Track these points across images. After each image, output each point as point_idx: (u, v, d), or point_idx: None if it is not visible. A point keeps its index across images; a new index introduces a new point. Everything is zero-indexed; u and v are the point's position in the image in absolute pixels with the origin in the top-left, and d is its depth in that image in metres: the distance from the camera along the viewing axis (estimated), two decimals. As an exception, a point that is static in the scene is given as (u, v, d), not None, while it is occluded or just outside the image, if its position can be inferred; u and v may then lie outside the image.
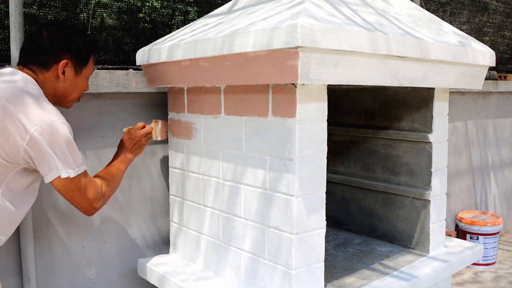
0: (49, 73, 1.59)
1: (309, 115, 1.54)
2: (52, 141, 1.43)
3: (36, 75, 1.58)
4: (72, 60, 1.62)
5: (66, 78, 1.62)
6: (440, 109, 2.08)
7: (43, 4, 2.03)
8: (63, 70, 1.60)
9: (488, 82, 3.89)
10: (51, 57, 1.58)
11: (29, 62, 1.59)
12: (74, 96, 1.70)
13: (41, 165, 1.46)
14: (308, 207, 1.57)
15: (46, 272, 1.97)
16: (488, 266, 3.56)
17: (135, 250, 2.22)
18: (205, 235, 1.94)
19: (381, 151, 2.27)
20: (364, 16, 1.66)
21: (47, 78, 1.60)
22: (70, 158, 1.47)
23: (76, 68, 1.64)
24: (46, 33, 1.60)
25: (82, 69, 1.66)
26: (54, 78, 1.61)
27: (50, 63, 1.59)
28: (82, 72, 1.67)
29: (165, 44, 1.85)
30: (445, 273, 2.03)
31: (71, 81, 1.64)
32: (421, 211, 2.11)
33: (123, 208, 2.16)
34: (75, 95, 1.70)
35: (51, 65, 1.59)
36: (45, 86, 1.60)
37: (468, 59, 1.92)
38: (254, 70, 1.50)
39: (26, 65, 1.59)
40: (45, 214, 1.96)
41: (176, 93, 2.05)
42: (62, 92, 1.64)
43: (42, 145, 1.41)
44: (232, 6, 2.02)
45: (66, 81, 1.63)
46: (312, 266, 1.61)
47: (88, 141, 2.04)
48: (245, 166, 1.70)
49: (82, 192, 1.54)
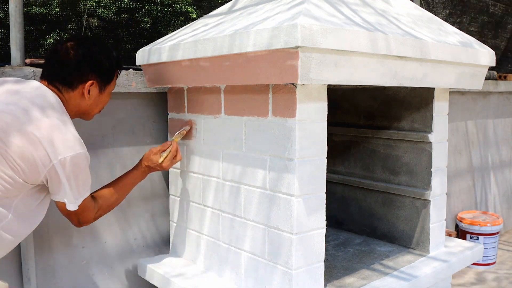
0: (74, 92, 1.58)
1: (309, 115, 1.54)
2: (70, 173, 1.44)
3: (61, 93, 1.57)
4: (98, 80, 1.61)
5: (90, 96, 1.61)
6: (440, 109, 2.07)
7: (43, 4, 2.03)
8: (88, 89, 1.60)
9: (488, 82, 3.89)
10: (77, 78, 1.57)
11: (54, 79, 1.57)
12: (96, 111, 1.71)
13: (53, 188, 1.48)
14: (308, 207, 1.57)
15: (46, 272, 1.97)
16: (488, 266, 3.55)
17: (135, 250, 2.21)
18: (205, 235, 1.94)
19: (381, 151, 2.26)
20: (364, 16, 1.66)
21: (72, 96, 1.59)
22: (81, 189, 1.51)
23: (101, 86, 1.63)
24: (72, 52, 1.57)
25: (106, 86, 1.66)
26: (79, 97, 1.60)
27: (76, 83, 1.57)
28: (106, 89, 1.67)
29: (165, 44, 1.85)
30: (445, 273, 2.03)
31: (95, 99, 1.64)
32: (421, 211, 2.11)
33: (123, 208, 2.16)
34: (97, 110, 1.71)
35: (77, 85, 1.58)
36: (69, 103, 1.59)
37: (468, 59, 1.92)
38: (254, 70, 1.50)
39: (51, 81, 1.57)
40: (45, 214, 1.95)
41: (176, 93, 2.05)
42: (85, 109, 1.65)
43: (60, 175, 1.43)
44: (232, 6, 2.02)
45: (90, 99, 1.62)
46: (312, 266, 1.61)
47: (88, 141, 2.04)
48: (245, 166, 1.70)
49: (78, 214, 1.58)
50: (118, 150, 2.13)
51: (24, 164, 1.38)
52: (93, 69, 1.59)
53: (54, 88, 1.56)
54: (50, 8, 2.05)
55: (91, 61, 1.59)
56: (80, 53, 1.57)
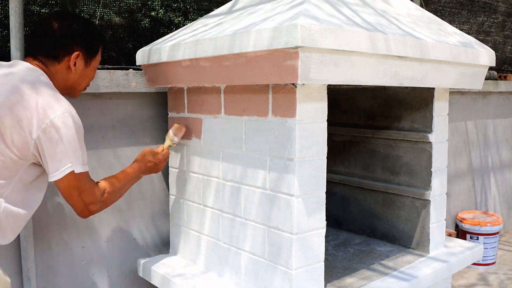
0: (60, 65, 1.59)
1: (309, 115, 1.54)
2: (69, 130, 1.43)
3: (46, 67, 1.57)
4: (83, 51, 1.61)
5: (76, 69, 1.62)
6: (440, 109, 2.08)
7: (43, 4, 2.04)
8: (74, 61, 1.60)
9: (488, 82, 3.89)
10: (63, 49, 1.58)
11: (39, 54, 1.57)
12: (83, 86, 1.71)
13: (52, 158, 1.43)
14: (308, 207, 1.57)
15: (46, 272, 1.97)
16: (488, 266, 3.56)
17: (135, 250, 2.22)
18: (205, 235, 1.94)
19: (381, 151, 2.27)
20: (364, 16, 1.66)
21: (58, 70, 1.59)
22: (78, 154, 1.47)
23: (87, 59, 1.64)
24: (56, 25, 1.58)
25: (91, 60, 1.66)
26: (65, 70, 1.60)
27: (62, 55, 1.58)
28: (92, 63, 1.67)
29: (165, 44, 1.85)
30: (445, 273, 2.03)
31: (81, 72, 1.64)
32: (421, 211, 2.11)
33: (123, 208, 2.16)
34: (84, 85, 1.72)
35: (63, 57, 1.58)
36: (55, 77, 1.59)
37: (468, 59, 1.92)
38: (254, 70, 1.50)
39: (36, 56, 1.57)
40: (45, 214, 1.96)
41: (176, 93, 2.05)
42: (72, 83, 1.65)
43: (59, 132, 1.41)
44: (232, 6, 2.02)
45: (76, 72, 1.63)
46: (312, 266, 1.61)
47: (88, 141, 2.04)
48: (245, 166, 1.71)
49: (80, 192, 1.52)
50: (118, 150, 2.13)
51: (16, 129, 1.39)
52: (78, 40, 1.60)
53: (39, 62, 1.57)
54: (51, 8, 2.05)
55: (75, 32, 1.59)
56: (64, 24, 1.58)
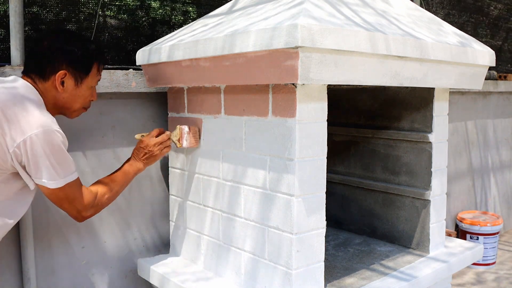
0: (47, 83, 1.55)
1: (309, 115, 1.54)
2: (45, 147, 1.40)
3: (36, 85, 1.54)
4: (70, 70, 1.56)
5: (65, 89, 1.57)
6: (440, 109, 2.08)
7: (43, 4, 2.03)
8: (61, 81, 1.55)
9: (488, 82, 3.89)
10: (49, 67, 1.54)
11: (29, 70, 1.56)
12: (77, 106, 1.65)
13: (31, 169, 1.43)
14: (308, 207, 1.57)
15: (46, 272, 1.97)
16: (488, 266, 3.56)
17: (135, 250, 2.22)
18: (206, 235, 1.94)
19: (381, 151, 2.27)
20: (364, 16, 1.66)
21: (47, 88, 1.55)
22: (58, 168, 1.45)
23: (77, 78, 1.58)
24: (45, 43, 1.56)
25: (83, 79, 1.60)
26: (54, 89, 1.56)
27: (48, 73, 1.54)
28: (84, 82, 1.60)
29: (165, 44, 1.85)
30: (445, 273, 2.03)
31: (72, 92, 1.59)
32: (421, 211, 2.11)
33: (123, 208, 2.16)
34: (78, 106, 1.65)
35: (49, 76, 1.54)
36: (45, 95, 1.55)
37: (468, 59, 1.92)
38: (254, 70, 1.50)
39: (27, 73, 1.56)
40: (45, 214, 1.96)
41: (176, 93, 2.05)
42: (63, 102, 1.60)
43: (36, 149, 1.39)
44: (232, 6, 2.02)
45: (66, 92, 1.58)
46: (312, 266, 1.61)
47: (88, 141, 2.05)
48: (245, 166, 1.71)
49: (71, 201, 1.52)
50: (118, 150, 2.13)
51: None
52: (65, 59, 1.55)
53: (29, 79, 1.55)
54: (51, 9, 2.05)
55: (62, 50, 1.55)
56: (53, 42, 1.56)
